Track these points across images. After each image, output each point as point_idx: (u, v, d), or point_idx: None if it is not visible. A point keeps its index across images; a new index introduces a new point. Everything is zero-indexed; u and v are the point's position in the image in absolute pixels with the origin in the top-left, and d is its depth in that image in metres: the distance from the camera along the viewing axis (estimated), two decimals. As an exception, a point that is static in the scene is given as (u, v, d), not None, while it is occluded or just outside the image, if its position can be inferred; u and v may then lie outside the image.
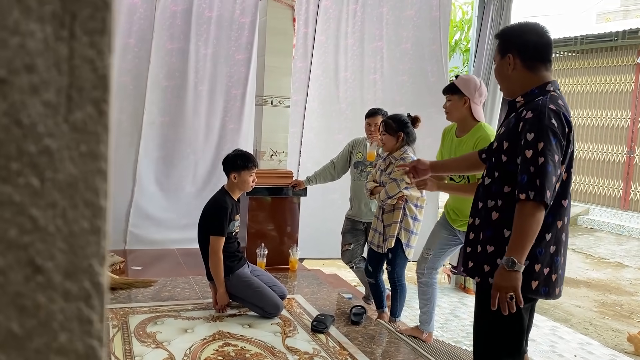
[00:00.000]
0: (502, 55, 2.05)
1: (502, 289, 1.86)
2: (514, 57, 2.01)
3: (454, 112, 3.10)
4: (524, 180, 1.85)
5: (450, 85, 3.14)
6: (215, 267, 3.31)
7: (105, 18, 0.30)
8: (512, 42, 2.03)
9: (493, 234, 1.99)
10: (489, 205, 2.02)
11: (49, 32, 0.29)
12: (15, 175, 0.30)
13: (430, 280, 3.35)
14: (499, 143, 2.03)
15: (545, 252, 1.94)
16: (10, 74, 0.29)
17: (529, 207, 1.84)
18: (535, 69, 2.01)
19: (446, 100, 3.15)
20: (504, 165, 1.98)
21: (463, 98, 3.05)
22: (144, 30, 4.65)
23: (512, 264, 1.84)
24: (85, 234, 0.32)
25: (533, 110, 1.91)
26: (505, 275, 1.85)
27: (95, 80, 0.30)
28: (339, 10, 5.19)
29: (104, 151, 0.31)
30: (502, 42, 2.07)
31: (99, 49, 0.30)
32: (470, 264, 2.08)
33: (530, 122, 1.89)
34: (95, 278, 0.32)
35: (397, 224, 3.48)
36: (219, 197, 3.41)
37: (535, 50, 2.01)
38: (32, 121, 0.30)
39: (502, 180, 1.99)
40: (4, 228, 0.30)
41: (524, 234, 1.85)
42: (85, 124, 0.31)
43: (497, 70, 2.10)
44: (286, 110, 4.47)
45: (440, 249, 3.30)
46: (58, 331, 0.31)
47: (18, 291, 0.31)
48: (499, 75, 2.10)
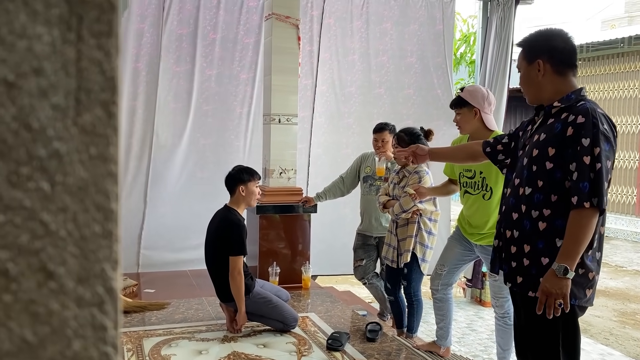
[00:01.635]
0: (530, 61, 2.00)
1: (551, 295, 1.84)
2: (543, 62, 1.97)
3: (466, 125, 3.03)
4: (585, 188, 1.81)
5: (458, 99, 3.07)
6: (239, 288, 3.21)
7: (112, 20, 0.30)
8: (541, 47, 1.99)
9: (545, 245, 1.94)
10: (534, 215, 1.96)
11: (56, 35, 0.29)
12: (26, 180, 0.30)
13: (446, 296, 3.29)
14: (541, 150, 1.96)
15: (594, 259, 1.93)
16: (19, 78, 0.29)
17: (589, 215, 1.81)
18: (564, 74, 1.98)
19: (455, 115, 3.07)
20: (549, 172, 1.93)
21: (473, 110, 2.99)
22: (151, 54, 4.72)
23: (565, 271, 1.82)
24: (96, 238, 0.31)
25: (583, 114, 1.86)
26: (556, 281, 1.84)
27: (103, 82, 0.30)
28: (342, 27, 5.24)
29: (113, 153, 0.31)
30: (528, 49, 2.04)
31: (107, 51, 0.30)
32: (519, 279, 2.01)
33: (585, 127, 1.84)
34: (108, 283, 0.31)
35: (412, 238, 3.45)
36: (230, 215, 3.31)
37: (563, 55, 1.98)
38: (42, 125, 0.30)
39: (548, 188, 1.93)
40: (15, 234, 0.30)
41: (579, 241, 1.82)
42: (95, 127, 0.30)
43: (524, 77, 2.05)
44: (294, 128, 4.49)
45: (455, 265, 3.24)
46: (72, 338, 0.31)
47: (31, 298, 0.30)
48: (526, 82, 2.05)
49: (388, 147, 3.83)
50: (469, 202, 3.09)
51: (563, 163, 1.89)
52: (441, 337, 3.36)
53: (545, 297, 1.86)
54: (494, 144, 2.29)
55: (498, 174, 2.89)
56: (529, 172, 2.00)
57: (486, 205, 3.00)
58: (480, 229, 3.04)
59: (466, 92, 3.05)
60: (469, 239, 3.12)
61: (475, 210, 3.05)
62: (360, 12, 5.28)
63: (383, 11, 5.32)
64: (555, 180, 1.91)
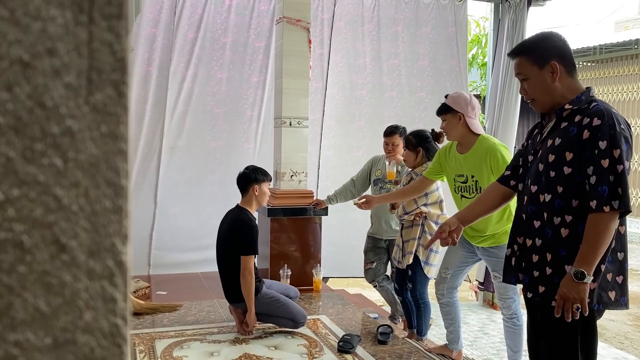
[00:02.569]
0: (542, 65, 1.94)
1: (569, 300, 1.83)
2: (558, 64, 1.92)
3: (452, 131, 3.09)
4: (605, 191, 1.78)
5: (442, 106, 3.13)
6: (250, 288, 3.23)
7: (122, 3, 0.31)
8: (551, 49, 1.95)
9: (567, 252, 1.90)
10: (555, 222, 1.92)
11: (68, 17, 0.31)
12: (40, 156, 0.31)
13: (452, 299, 3.28)
14: (557, 155, 1.91)
15: (614, 260, 1.90)
16: (33, 58, 0.30)
17: (608, 218, 1.79)
18: (573, 75, 1.96)
19: (442, 122, 3.15)
20: (568, 178, 1.88)
21: (457, 115, 3.05)
22: (161, 58, 4.77)
23: (582, 276, 1.80)
24: (107, 213, 0.32)
25: (599, 117, 1.82)
26: (574, 286, 1.82)
27: (114, 62, 0.31)
28: (353, 30, 5.25)
29: (123, 132, 0.32)
30: (537, 53, 1.96)
31: (117, 33, 0.31)
32: (541, 289, 1.98)
33: (601, 130, 1.80)
34: (118, 257, 0.32)
35: (415, 241, 3.48)
36: (242, 215, 3.32)
37: (570, 56, 1.96)
38: (55, 103, 0.31)
39: (568, 194, 1.89)
40: (29, 207, 0.31)
41: (598, 245, 1.80)
42: (106, 106, 0.32)
43: (537, 83, 1.97)
44: (305, 131, 4.50)
45: (459, 268, 3.24)
46: (83, 309, 0.32)
47: (44, 269, 0.31)
48: (539, 88, 1.97)
49: (398, 150, 3.83)
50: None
51: (581, 167, 1.85)
52: (452, 341, 3.35)
53: (562, 302, 1.85)
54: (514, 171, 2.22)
55: (490, 175, 2.91)
56: (547, 178, 1.96)
57: None
58: (481, 232, 3.03)
59: (449, 99, 3.12)
60: (470, 241, 3.12)
61: None
62: (371, 15, 5.29)
63: (394, 14, 5.33)
64: (575, 185, 1.87)
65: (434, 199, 3.53)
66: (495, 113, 5.48)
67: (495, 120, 5.47)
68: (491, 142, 3.01)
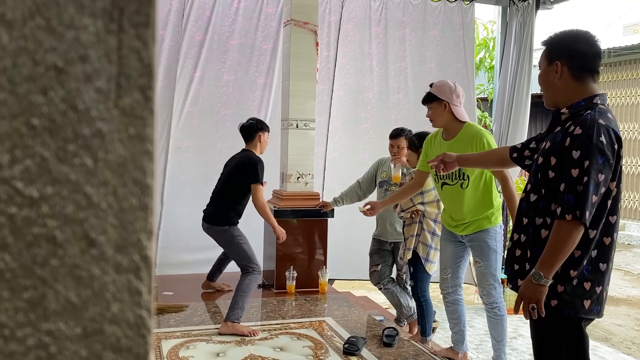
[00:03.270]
0: (549, 62, 1.97)
1: (525, 299, 1.88)
2: (561, 64, 1.94)
3: (438, 118, 3.19)
4: (570, 200, 1.81)
5: (427, 95, 3.23)
6: (266, 211, 3.75)
7: (149, 12, 0.33)
8: (561, 49, 1.96)
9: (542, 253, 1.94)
10: (537, 222, 1.97)
11: (100, 26, 0.32)
12: (72, 156, 0.33)
13: (457, 297, 3.33)
14: (545, 158, 1.97)
15: (593, 270, 1.90)
16: (67, 64, 0.32)
17: (569, 227, 1.81)
18: (582, 79, 1.94)
19: (427, 110, 3.24)
20: (551, 181, 1.93)
21: (442, 103, 3.14)
22: (169, 60, 4.81)
23: (539, 278, 1.84)
24: (134, 210, 0.34)
25: (581, 125, 1.84)
26: (531, 287, 1.87)
27: (141, 68, 0.33)
28: (360, 33, 5.27)
29: (150, 134, 0.34)
30: (549, 49, 2.00)
31: (144, 40, 0.33)
32: (519, 282, 2.03)
33: (578, 139, 1.83)
34: (144, 252, 0.34)
35: (414, 237, 3.57)
36: (249, 154, 3.75)
37: (584, 59, 1.94)
38: (86, 106, 0.33)
39: (549, 197, 1.94)
40: (62, 204, 0.33)
41: (558, 251, 1.83)
42: (133, 109, 0.34)
43: (542, 77, 2.02)
44: (311, 133, 4.52)
45: (455, 264, 3.30)
46: (111, 301, 0.34)
47: (75, 263, 0.33)
48: (543, 82, 2.02)
49: (404, 153, 3.85)
50: (448, 194, 3.18)
51: (561, 173, 1.88)
52: (458, 342, 3.36)
53: (520, 300, 1.90)
54: (522, 149, 2.27)
55: None
56: (535, 179, 2.01)
57: (464, 194, 3.10)
58: (462, 219, 3.13)
59: (434, 88, 3.22)
60: (454, 232, 3.19)
61: (455, 201, 3.14)
62: (379, 18, 5.31)
63: (402, 17, 5.34)
64: (555, 189, 1.91)
65: (430, 197, 3.60)
66: (503, 116, 5.48)
67: (503, 123, 5.47)
68: (477, 129, 3.13)
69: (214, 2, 4.88)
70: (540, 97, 2.12)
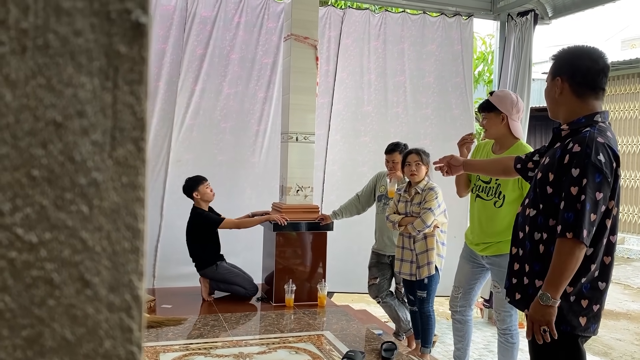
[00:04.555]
0: (553, 77, 2.00)
1: (536, 322, 1.87)
2: (562, 81, 1.95)
3: (492, 130, 3.04)
4: (570, 218, 1.81)
5: (487, 103, 3.07)
6: (246, 224, 4.34)
7: (142, 71, 0.36)
8: (564, 65, 1.97)
9: (541, 268, 1.95)
10: (536, 237, 1.98)
11: (96, 84, 0.35)
12: (69, 204, 0.35)
13: (465, 317, 3.29)
14: (543, 174, 1.98)
15: (592, 288, 1.91)
16: (65, 119, 0.35)
17: (570, 245, 1.81)
18: (584, 96, 1.95)
19: (482, 118, 3.10)
20: (549, 197, 1.93)
21: (500, 115, 2.99)
22: (170, 74, 4.85)
23: (547, 299, 1.84)
24: (126, 253, 0.37)
25: (580, 143, 1.85)
26: (540, 309, 1.86)
27: (134, 122, 0.36)
28: (359, 47, 5.32)
29: (142, 182, 0.37)
30: (555, 64, 2.02)
31: (138, 96, 0.36)
32: (517, 296, 2.04)
33: (577, 157, 1.84)
34: (135, 291, 0.37)
35: (433, 251, 3.53)
36: (194, 211, 4.36)
37: (586, 76, 1.94)
38: (83, 158, 0.35)
39: (547, 212, 1.94)
40: (59, 249, 0.35)
41: (562, 271, 1.82)
42: (127, 159, 0.36)
43: (546, 92, 2.06)
44: (311, 146, 4.55)
45: (469, 285, 3.24)
46: (104, 338, 0.36)
47: (70, 303, 0.35)
48: (547, 96, 2.06)
49: (399, 167, 3.86)
50: (479, 208, 3.09)
51: (560, 190, 1.89)
52: (458, 358, 3.36)
53: (531, 324, 1.89)
54: (525, 160, 2.28)
55: (514, 183, 2.90)
56: (534, 194, 2.02)
57: (495, 213, 3.00)
58: (486, 237, 3.03)
59: (495, 97, 3.04)
60: (474, 250, 3.12)
61: (484, 217, 3.05)
62: (378, 32, 5.36)
63: (400, 31, 5.40)
64: (553, 205, 1.92)
65: (441, 208, 3.60)
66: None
67: (500, 137, 5.50)
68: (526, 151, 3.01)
69: (215, 17, 4.94)
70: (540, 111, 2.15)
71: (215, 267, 4.33)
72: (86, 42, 0.34)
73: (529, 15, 5.34)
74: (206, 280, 4.41)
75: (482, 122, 3.10)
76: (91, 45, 0.34)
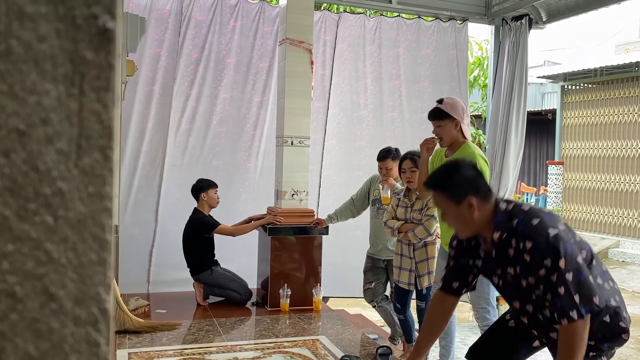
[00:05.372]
0: (459, 201, 1.93)
1: None
2: (472, 199, 1.92)
3: (447, 137, 3.09)
4: (558, 304, 1.82)
5: (438, 111, 3.09)
6: (241, 231, 4.37)
7: (110, 77, 0.35)
8: (466, 185, 1.94)
9: None
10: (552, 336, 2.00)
11: (61, 91, 0.34)
12: (32, 214, 0.34)
13: None
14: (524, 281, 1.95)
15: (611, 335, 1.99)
16: (29, 127, 0.34)
17: (573, 327, 1.82)
18: (490, 197, 1.96)
19: (435, 127, 3.11)
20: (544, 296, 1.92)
21: (454, 121, 3.06)
22: (165, 78, 4.84)
23: None
24: (93, 265, 0.35)
25: (529, 237, 1.86)
26: None
27: (101, 130, 0.35)
28: (355, 52, 5.32)
29: (109, 191, 0.36)
30: (452, 190, 1.96)
31: (105, 104, 0.35)
32: None
33: (537, 249, 1.84)
34: (102, 304, 0.36)
35: (434, 260, 3.48)
36: (194, 215, 4.36)
37: (481, 181, 1.98)
38: (47, 167, 0.34)
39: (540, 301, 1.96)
40: (22, 261, 0.34)
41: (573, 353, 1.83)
42: (93, 168, 0.35)
43: (456, 217, 1.97)
44: (306, 150, 4.54)
45: None
46: (69, 353, 0.35)
47: (34, 317, 0.34)
48: (460, 221, 1.98)
49: (392, 174, 3.83)
50: None
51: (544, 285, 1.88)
52: (444, 356, 3.36)
53: None
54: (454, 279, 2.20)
55: None
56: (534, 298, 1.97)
57: None
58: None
59: (447, 105, 3.09)
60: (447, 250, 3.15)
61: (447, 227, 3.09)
62: (373, 36, 5.37)
63: (396, 36, 5.40)
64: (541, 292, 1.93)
65: None
66: (497, 134, 5.52)
67: (497, 141, 5.51)
68: (471, 150, 3.06)
69: (210, 21, 4.93)
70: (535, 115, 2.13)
71: (210, 272, 4.34)
72: (51, 48, 0.33)
73: (523, 20, 5.36)
74: (200, 285, 4.39)
75: (436, 130, 3.12)
76: (56, 51, 0.33)
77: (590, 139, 10.35)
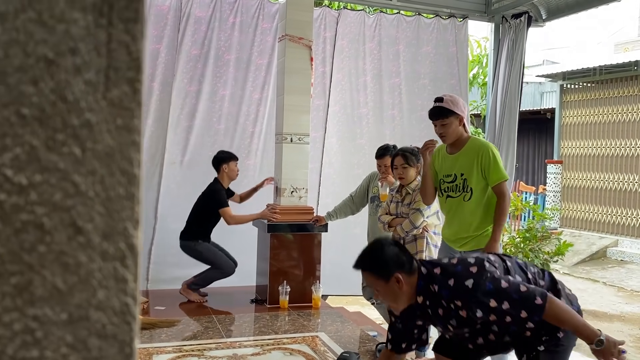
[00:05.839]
0: (387, 279, 2.03)
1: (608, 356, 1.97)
2: (399, 274, 2.02)
3: (453, 134, 3.06)
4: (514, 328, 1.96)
5: (441, 109, 3.06)
6: (242, 220, 4.36)
7: (138, 8, 0.34)
8: (390, 263, 2.04)
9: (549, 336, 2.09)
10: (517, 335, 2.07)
11: (90, 20, 0.34)
12: (60, 145, 0.34)
13: None
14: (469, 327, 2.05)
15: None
16: (57, 56, 0.33)
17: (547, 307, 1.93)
18: (413, 269, 2.06)
19: (440, 125, 3.07)
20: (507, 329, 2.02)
21: (459, 117, 3.06)
22: (165, 74, 4.82)
23: (600, 342, 1.95)
24: (120, 199, 0.35)
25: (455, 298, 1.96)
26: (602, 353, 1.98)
27: (130, 62, 0.34)
28: (355, 49, 5.32)
29: (137, 125, 0.35)
30: (378, 269, 2.06)
31: (133, 35, 0.34)
32: None
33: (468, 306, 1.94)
34: (130, 240, 0.35)
35: (423, 253, 3.47)
36: (213, 185, 4.40)
37: (406, 254, 2.09)
38: (75, 97, 0.34)
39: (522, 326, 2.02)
40: (50, 192, 0.34)
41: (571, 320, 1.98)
42: (122, 101, 0.35)
43: (387, 294, 2.07)
44: (306, 147, 4.54)
45: None
46: (97, 288, 0.34)
47: (62, 250, 0.34)
48: (390, 297, 2.08)
49: (390, 171, 3.83)
50: (451, 207, 3.14)
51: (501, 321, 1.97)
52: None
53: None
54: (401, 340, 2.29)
55: (478, 174, 2.99)
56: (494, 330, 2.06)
57: (466, 207, 3.06)
58: (462, 232, 3.08)
59: (449, 103, 3.06)
60: (452, 246, 3.15)
61: (457, 214, 3.10)
62: (373, 34, 5.36)
63: (395, 33, 5.40)
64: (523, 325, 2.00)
65: (433, 210, 3.56)
66: (496, 132, 5.53)
67: (495, 139, 5.51)
68: (482, 142, 3.11)
69: (210, 17, 4.92)
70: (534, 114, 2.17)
71: (196, 242, 4.36)
72: (79, -25, 0.32)
73: (522, 17, 5.37)
74: (186, 290, 4.40)
75: (439, 129, 3.09)
76: (85, -21, 0.33)
77: (589, 138, 10.37)
